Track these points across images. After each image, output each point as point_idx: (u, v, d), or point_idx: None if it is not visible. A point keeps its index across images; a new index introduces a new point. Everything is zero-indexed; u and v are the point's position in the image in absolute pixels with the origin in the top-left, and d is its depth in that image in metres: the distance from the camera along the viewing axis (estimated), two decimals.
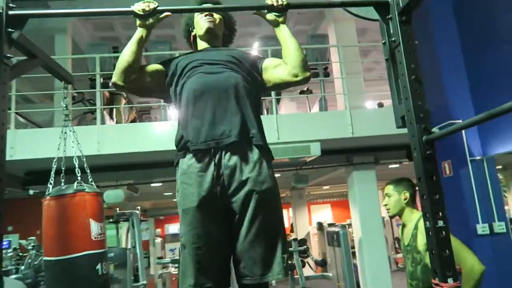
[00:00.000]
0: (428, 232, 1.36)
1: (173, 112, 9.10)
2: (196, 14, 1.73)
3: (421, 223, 1.94)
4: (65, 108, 2.13)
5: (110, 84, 1.60)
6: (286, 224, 13.35)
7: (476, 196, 4.14)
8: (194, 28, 1.75)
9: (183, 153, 1.48)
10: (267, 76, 1.63)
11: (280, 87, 1.66)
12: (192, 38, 1.79)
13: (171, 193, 10.09)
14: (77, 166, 2.05)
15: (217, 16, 1.71)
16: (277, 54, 4.64)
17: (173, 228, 15.59)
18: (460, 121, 4.28)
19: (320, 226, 9.40)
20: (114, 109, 5.68)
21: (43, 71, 1.76)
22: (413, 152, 1.43)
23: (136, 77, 1.52)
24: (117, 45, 6.10)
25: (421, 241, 1.96)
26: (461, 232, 4.24)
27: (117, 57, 2.33)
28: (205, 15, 1.68)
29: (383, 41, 1.60)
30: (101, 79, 4.88)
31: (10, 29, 1.37)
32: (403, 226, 2.15)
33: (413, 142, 1.42)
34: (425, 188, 1.37)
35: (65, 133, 2.11)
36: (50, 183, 2.00)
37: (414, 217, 2.07)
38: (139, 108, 9.04)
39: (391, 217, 2.19)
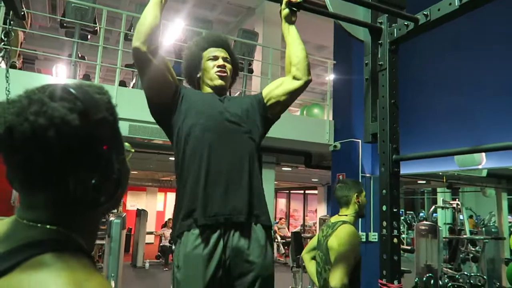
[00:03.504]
0: (383, 238, 1.55)
1: (63, 70, 8.18)
2: (206, 58, 1.62)
3: (341, 227, 2.11)
4: (4, 44, 1.74)
5: (132, 52, 1.36)
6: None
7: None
8: (200, 70, 1.64)
9: (188, 226, 1.38)
10: (272, 101, 1.62)
11: (287, 102, 1.64)
12: (196, 79, 1.67)
13: None
14: None
15: (228, 68, 1.63)
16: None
17: None
18: (359, 140, 4.83)
19: None
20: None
21: None
22: (381, 167, 1.60)
23: (157, 50, 1.37)
24: None
25: (331, 241, 2.09)
26: None
27: None
28: (218, 66, 1.59)
29: (366, 62, 1.75)
30: None
31: None
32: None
33: (383, 158, 1.59)
34: (388, 200, 1.54)
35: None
36: None
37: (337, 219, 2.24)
38: (24, 55, 7.86)
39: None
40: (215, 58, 1.62)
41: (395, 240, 1.53)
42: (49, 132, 0.54)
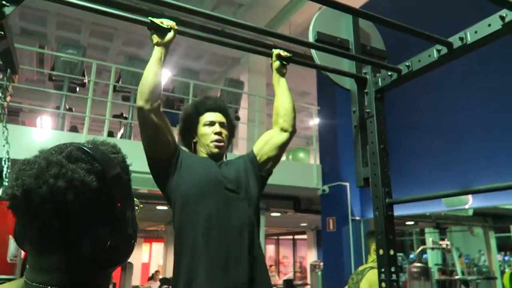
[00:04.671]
0: (381, 284, 1.54)
1: (48, 122, 8.17)
2: (202, 123, 1.64)
3: (369, 272, 2.31)
4: (3, 102, 1.77)
5: (137, 111, 1.37)
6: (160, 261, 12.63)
7: (352, 251, 4.68)
8: (196, 135, 1.66)
9: None
10: (263, 158, 1.65)
11: (277, 157, 1.67)
12: (192, 144, 1.68)
13: None
14: (5, 169, 1.68)
15: (224, 134, 1.64)
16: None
17: None
18: (348, 184, 4.89)
19: None
20: None
21: None
22: (375, 211, 1.62)
23: (159, 107, 1.41)
24: (44, 43, 5.36)
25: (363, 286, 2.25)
26: (337, 280, 4.72)
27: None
28: (215, 133, 1.61)
29: (353, 110, 1.83)
30: None
31: (5, 2, 1.17)
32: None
33: (376, 202, 1.62)
34: (384, 244, 1.56)
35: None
36: None
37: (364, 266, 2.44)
38: (9, 108, 7.84)
39: None
40: (212, 123, 1.63)
41: (395, 284, 1.52)
42: (68, 196, 0.55)
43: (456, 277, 6.88)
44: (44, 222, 0.55)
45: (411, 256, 10.41)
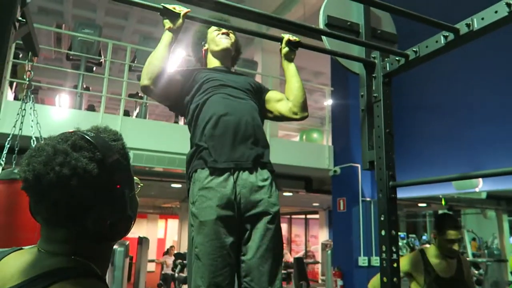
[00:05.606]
0: (383, 262, 1.61)
1: (66, 100, 8.34)
2: (210, 30, 1.77)
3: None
4: (27, 82, 1.86)
5: (140, 88, 1.52)
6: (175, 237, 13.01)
7: (361, 232, 4.76)
8: (206, 42, 1.79)
9: (201, 165, 1.50)
10: (269, 107, 1.76)
11: (278, 119, 1.80)
12: (203, 52, 1.82)
13: None
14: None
15: (232, 36, 1.78)
16: None
17: None
18: (359, 165, 4.92)
19: None
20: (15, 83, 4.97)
21: None
22: (379, 193, 1.68)
23: (161, 82, 1.51)
24: (61, 22, 5.44)
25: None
26: (345, 261, 4.82)
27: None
28: (223, 33, 1.74)
29: (362, 93, 1.86)
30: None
31: None
32: None
33: (380, 185, 1.67)
34: (386, 225, 1.61)
35: (24, 109, 1.84)
36: (0, 164, 1.69)
37: None
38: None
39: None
40: (219, 29, 1.76)
41: (395, 264, 1.59)
42: (72, 181, 0.63)
43: (467, 258, 6.90)
44: (52, 202, 0.65)
45: (424, 237, 10.44)
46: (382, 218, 1.64)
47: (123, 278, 4.07)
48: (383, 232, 1.63)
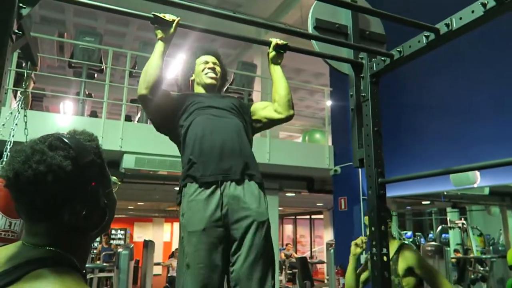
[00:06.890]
0: (373, 257, 1.65)
1: (70, 107, 8.45)
2: (198, 62, 1.89)
3: (403, 250, 2.26)
4: (23, 90, 1.94)
5: (138, 97, 1.59)
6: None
7: (363, 230, 4.79)
8: (194, 73, 1.90)
9: (191, 181, 1.59)
10: (256, 117, 1.84)
11: (267, 125, 1.86)
12: (190, 82, 1.93)
13: None
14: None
15: (218, 70, 1.89)
16: None
17: None
18: None
19: None
20: (19, 92, 5.06)
21: None
22: (368, 190, 1.72)
23: (159, 91, 1.58)
24: (63, 30, 5.54)
25: (402, 265, 2.23)
26: (347, 259, 4.84)
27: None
28: (209, 68, 1.85)
29: (351, 93, 1.91)
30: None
31: (22, 5, 1.30)
32: None
33: (370, 182, 1.72)
34: (375, 220, 1.66)
35: (18, 113, 1.93)
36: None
37: (394, 244, 2.33)
38: (33, 94, 8.15)
39: None
40: (206, 62, 1.87)
41: (385, 258, 1.63)
42: (48, 177, 0.69)
43: (470, 256, 6.89)
44: (30, 198, 0.71)
45: (430, 235, 10.41)
46: (372, 214, 1.68)
47: (128, 280, 4.13)
48: (373, 228, 1.68)
